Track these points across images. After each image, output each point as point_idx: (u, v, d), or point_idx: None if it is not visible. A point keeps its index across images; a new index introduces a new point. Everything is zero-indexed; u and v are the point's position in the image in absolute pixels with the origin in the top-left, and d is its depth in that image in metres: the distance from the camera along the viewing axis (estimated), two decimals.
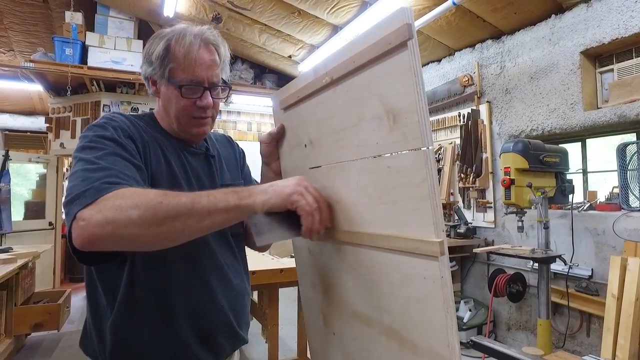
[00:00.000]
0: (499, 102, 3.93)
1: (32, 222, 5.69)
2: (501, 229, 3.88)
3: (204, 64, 0.95)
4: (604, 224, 3.01)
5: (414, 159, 0.60)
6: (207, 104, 0.97)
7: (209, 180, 1.04)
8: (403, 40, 0.59)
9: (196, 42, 0.94)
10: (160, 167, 0.93)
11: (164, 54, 0.94)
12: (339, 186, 0.79)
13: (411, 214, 0.61)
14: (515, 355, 1.33)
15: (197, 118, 0.99)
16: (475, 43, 4.18)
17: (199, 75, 0.95)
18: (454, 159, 4.40)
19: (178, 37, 0.94)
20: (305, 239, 0.82)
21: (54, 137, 5.88)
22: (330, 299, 0.89)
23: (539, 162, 2.84)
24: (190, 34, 0.95)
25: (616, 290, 2.65)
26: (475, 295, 4.05)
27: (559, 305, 3.24)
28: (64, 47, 4.98)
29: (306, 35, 4.91)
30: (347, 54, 0.71)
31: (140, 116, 1.04)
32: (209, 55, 0.96)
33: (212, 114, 1.02)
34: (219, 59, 0.98)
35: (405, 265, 0.63)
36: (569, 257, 3.05)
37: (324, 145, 0.84)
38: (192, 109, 0.97)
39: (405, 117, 0.60)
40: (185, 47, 0.93)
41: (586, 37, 3.17)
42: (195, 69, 0.94)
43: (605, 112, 3.07)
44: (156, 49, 0.95)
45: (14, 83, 6.07)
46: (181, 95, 0.95)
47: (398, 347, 0.67)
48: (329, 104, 0.80)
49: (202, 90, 0.96)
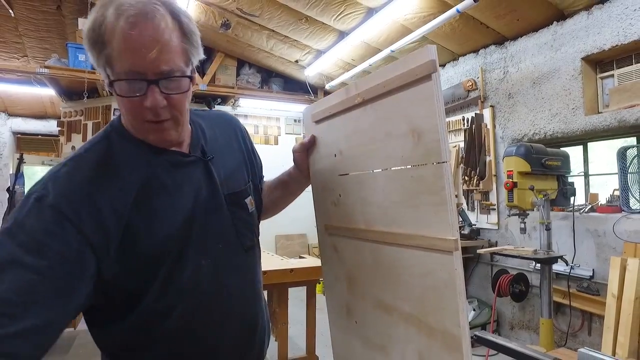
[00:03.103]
0: (502, 107, 4.02)
1: None
2: (504, 231, 3.96)
3: (142, 46, 0.66)
4: (605, 225, 3.09)
5: (434, 171, 0.71)
6: (153, 104, 0.69)
7: (210, 193, 0.85)
8: (428, 73, 0.70)
9: (130, 14, 0.65)
10: (147, 207, 0.74)
11: (95, 35, 0.67)
12: (367, 191, 0.90)
13: (431, 216, 0.73)
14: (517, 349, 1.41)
15: (148, 122, 0.73)
16: (479, 48, 4.27)
17: (136, 66, 0.67)
18: (458, 162, 4.49)
19: (112, 12, 0.66)
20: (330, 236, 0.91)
21: (66, 140, 6.02)
22: (355, 291, 0.99)
23: (541, 165, 2.93)
24: (126, 4, 0.66)
25: (616, 290, 2.73)
26: (479, 295, 4.14)
27: (560, 304, 3.32)
28: (77, 53, 5.11)
29: (313, 41, 5.02)
30: (378, 79, 0.82)
31: (105, 134, 0.79)
32: (150, 31, 0.66)
33: (171, 115, 0.74)
34: (173, 35, 0.70)
35: (425, 259, 0.74)
36: (571, 258, 3.14)
37: (353, 156, 0.94)
38: (140, 110, 0.71)
39: (428, 136, 0.72)
40: (119, 25, 0.65)
41: (587, 44, 3.25)
42: (131, 56, 0.66)
43: (605, 117, 3.15)
44: (87, 25, 0.69)
45: (26, 87, 6.21)
46: (117, 94, 0.70)
47: (415, 330, 0.79)
48: (360, 121, 0.90)
49: (145, 85, 0.69)
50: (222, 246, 0.85)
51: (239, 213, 0.91)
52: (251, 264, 0.95)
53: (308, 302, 3.08)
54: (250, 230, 0.95)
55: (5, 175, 6.74)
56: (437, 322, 0.73)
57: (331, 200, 1.05)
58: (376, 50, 4.74)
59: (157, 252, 0.75)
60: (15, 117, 7.17)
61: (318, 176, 1.09)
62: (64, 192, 0.67)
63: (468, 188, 4.30)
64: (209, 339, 0.84)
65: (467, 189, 4.32)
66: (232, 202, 0.89)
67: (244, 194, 0.93)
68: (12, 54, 5.89)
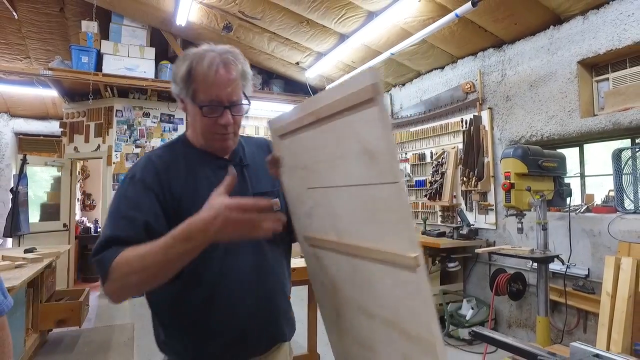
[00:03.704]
0: (500, 109, 4.09)
1: (47, 223, 5.87)
2: (502, 231, 4.04)
3: (222, 84, 1.00)
4: (600, 225, 3.16)
5: (389, 190, 0.72)
6: (226, 122, 1.03)
7: (241, 190, 1.06)
8: (369, 97, 0.70)
9: (214, 63, 0.99)
10: (187, 189, 1.03)
11: (187, 76, 1.01)
12: (335, 205, 0.92)
13: (392, 234, 0.74)
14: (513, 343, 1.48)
15: (218, 134, 1.06)
16: (478, 51, 4.35)
17: (218, 96, 1.00)
18: (456, 163, 4.56)
19: (199, 59, 1.00)
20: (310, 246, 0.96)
21: (68, 141, 6.08)
22: (339, 296, 1.02)
23: (537, 166, 3.00)
24: (209, 56, 1.00)
25: (610, 289, 2.80)
26: (477, 294, 4.21)
27: (557, 303, 3.39)
28: (81, 55, 5.17)
29: (314, 44, 5.09)
30: (330, 98, 0.82)
31: (174, 142, 1.15)
32: (227, 75, 1.00)
33: (233, 130, 1.07)
34: (239, 77, 1.03)
35: (393, 273, 0.77)
36: (567, 257, 3.21)
37: (317, 171, 0.94)
38: (213, 126, 1.04)
39: (379, 157, 0.72)
40: (205, 69, 0.99)
41: (583, 48, 3.33)
42: (214, 90, 1.00)
43: (600, 119, 3.22)
44: (180, 70, 1.02)
45: (28, 88, 6.26)
46: (202, 115, 1.02)
47: (397, 335, 0.82)
48: (317, 139, 0.90)
49: (221, 109, 1.02)
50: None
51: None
52: (271, 252, 1.12)
53: (309, 301, 3.14)
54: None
55: (8, 176, 6.78)
56: (413, 329, 0.76)
57: (305, 212, 1.05)
58: (376, 52, 4.81)
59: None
60: (17, 118, 7.20)
61: (290, 189, 1.09)
62: (144, 173, 1.03)
63: (466, 189, 4.37)
64: (229, 307, 1.05)
65: (465, 189, 4.40)
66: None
67: (269, 195, 1.13)
68: (15, 55, 5.93)
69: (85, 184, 8.14)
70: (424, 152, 5.11)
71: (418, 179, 5.17)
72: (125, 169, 5.87)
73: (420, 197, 5.12)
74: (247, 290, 1.07)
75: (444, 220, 4.75)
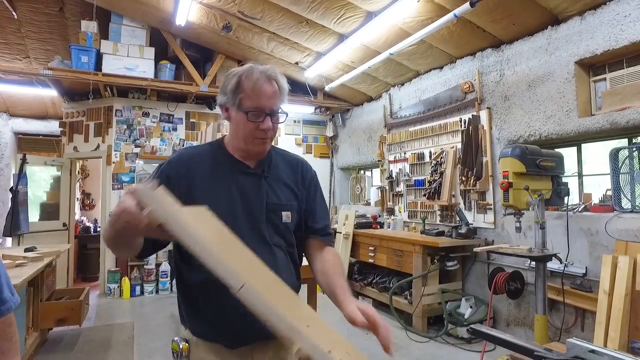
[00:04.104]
0: (499, 109, 4.11)
1: (47, 223, 5.88)
2: (500, 230, 4.06)
3: (266, 95, 1.17)
4: (598, 224, 3.19)
5: None
6: (268, 127, 1.18)
7: (257, 199, 1.23)
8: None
9: (262, 77, 1.16)
10: (205, 186, 1.20)
11: (236, 87, 1.17)
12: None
13: None
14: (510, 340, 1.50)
15: (258, 138, 1.20)
16: (476, 52, 4.37)
17: (262, 104, 1.16)
18: (455, 162, 4.58)
19: (248, 73, 1.17)
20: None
21: (68, 141, 6.09)
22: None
23: (535, 166, 3.02)
24: (257, 71, 1.17)
25: (607, 287, 2.82)
26: (476, 293, 4.23)
27: (555, 301, 3.41)
28: (80, 55, 5.18)
29: (313, 44, 5.10)
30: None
31: (210, 144, 1.34)
32: (270, 88, 1.18)
33: (271, 135, 1.23)
34: (279, 91, 1.20)
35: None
36: (565, 256, 3.23)
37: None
38: (255, 131, 1.19)
39: None
40: (253, 81, 1.16)
41: (580, 48, 3.35)
42: (259, 99, 1.16)
43: (598, 119, 3.25)
44: (230, 82, 1.19)
45: (28, 88, 6.25)
46: (247, 120, 1.17)
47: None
48: None
49: (264, 115, 1.17)
50: (255, 234, 1.19)
51: (272, 218, 1.24)
52: (275, 256, 1.22)
53: (309, 300, 3.16)
54: (279, 234, 1.25)
55: (7, 175, 6.78)
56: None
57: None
58: (375, 52, 4.83)
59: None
60: (16, 118, 7.21)
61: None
62: (170, 167, 1.22)
63: (465, 188, 4.39)
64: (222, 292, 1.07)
65: (464, 189, 4.42)
66: (270, 209, 1.24)
67: (281, 207, 1.25)
68: (14, 55, 5.93)
69: (84, 183, 8.14)
70: (422, 151, 5.13)
71: (417, 179, 5.19)
72: (125, 168, 5.88)
73: (419, 197, 5.14)
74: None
75: (443, 220, 4.77)
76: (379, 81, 5.78)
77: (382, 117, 5.97)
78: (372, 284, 4.91)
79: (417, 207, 5.18)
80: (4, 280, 1.01)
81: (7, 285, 1.02)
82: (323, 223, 1.35)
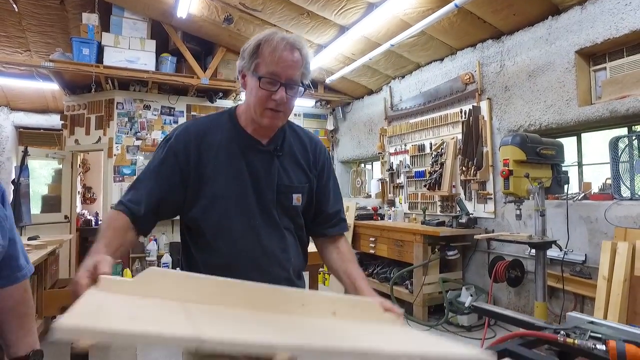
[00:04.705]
0: (499, 99, 4.13)
1: (49, 215, 5.90)
2: (501, 219, 4.09)
3: (285, 63, 1.06)
4: (597, 212, 3.21)
5: None
6: (280, 98, 1.07)
7: (268, 179, 1.16)
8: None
9: (282, 43, 1.07)
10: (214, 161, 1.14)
11: (254, 50, 1.09)
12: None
13: None
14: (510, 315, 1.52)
15: (269, 109, 1.10)
16: (476, 43, 4.38)
17: (278, 71, 1.06)
18: (456, 153, 4.60)
19: (268, 38, 1.08)
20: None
21: (69, 134, 6.10)
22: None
23: (535, 154, 3.04)
24: (278, 37, 1.08)
25: (607, 273, 2.86)
26: (476, 282, 4.26)
27: (554, 289, 3.44)
28: (82, 47, 5.19)
29: (314, 36, 5.11)
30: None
31: (221, 114, 1.24)
32: (290, 56, 1.07)
33: (284, 109, 1.11)
34: (300, 61, 1.09)
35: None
36: (564, 244, 3.26)
37: None
38: (266, 100, 1.08)
39: None
40: (272, 46, 1.06)
41: (580, 37, 3.37)
42: (275, 65, 1.06)
43: (597, 108, 3.27)
44: (249, 46, 1.10)
45: (29, 82, 6.25)
46: (259, 86, 1.07)
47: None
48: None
49: (278, 85, 1.07)
50: (265, 216, 1.16)
51: (282, 200, 1.18)
52: (285, 239, 1.19)
53: (310, 287, 3.18)
54: (288, 216, 1.20)
55: (9, 169, 6.79)
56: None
57: None
58: (376, 44, 4.84)
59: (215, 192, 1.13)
60: (17, 112, 7.22)
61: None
62: (177, 141, 1.15)
63: (465, 178, 4.41)
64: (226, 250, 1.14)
65: (464, 179, 4.44)
66: (280, 190, 1.18)
67: (291, 189, 1.20)
68: (15, 48, 5.93)
69: (85, 177, 8.16)
70: (423, 143, 5.15)
71: (417, 170, 5.22)
72: (127, 161, 5.90)
73: (420, 188, 5.17)
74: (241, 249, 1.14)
75: (444, 210, 4.79)
76: (380, 74, 5.79)
77: (383, 110, 5.99)
78: (373, 275, 4.94)
79: (418, 199, 5.21)
80: (20, 249, 1.05)
81: (23, 254, 1.06)
82: (336, 207, 1.30)
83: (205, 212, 1.12)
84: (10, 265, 1.02)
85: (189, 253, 1.18)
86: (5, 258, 0.98)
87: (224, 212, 1.12)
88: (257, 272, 1.10)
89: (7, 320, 1.01)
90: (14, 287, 1.02)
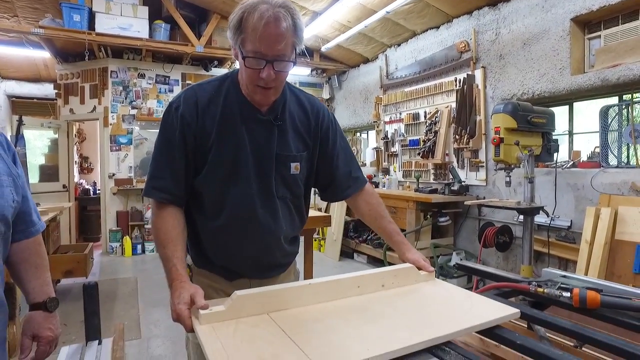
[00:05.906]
0: (493, 67, 4.14)
1: (47, 184, 5.95)
2: (492, 187, 4.19)
3: (270, 38, 0.99)
4: (584, 179, 3.31)
5: None
6: (267, 75, 1.02)
7: (266, 149, 1.15)
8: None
9: (266, 14, 0.98)
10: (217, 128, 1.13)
11: (238, 24, 1.02)
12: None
13: None
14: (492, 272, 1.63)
15: (259, 87, 1.07)
16: (473, 10, 4.34)
17: (262, 49, 1.00)
18: (449, 121, 4.65)
19: (251, 9, 1.00)
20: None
21: (63, 103, 6.07)
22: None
23: (527, 122, 3.09)
24: (261, 8, 0.99)
25: (589, 237, 2.98)
26: (467, 248, 4.41)
27: (540, 253, 3.58)
28: (72, 13, 5.08)
29: (309, 2, 5.03)
30: None
31: (223, 79, 1.18)
32: (276, 29, 0.98)
33: (274, 85, 1.07)
34: (289, 32, 1.01)
35: None
36: (552, 210, 3.37)
37: None
38: (255, 78, 1.05)
39: None
40: (254, 20, 0.98)
41: (576, 4, 3.36)
42: (259, 42, 0.99)
43: (590, 76, 3.30)
44: (233, 19, 1.03)
45: (18, 49, 6.11)
46: (245, 65, 1.04)
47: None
48: None
49: (264, 63, 1.01)
50: (262, 185, 1.17)
51: (280, 169, 1.18)
52: (277, 207, 1.20)
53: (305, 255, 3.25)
54: (286, 185, 1.21)
55: None
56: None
57: None
58: (372, 11, 4.78)
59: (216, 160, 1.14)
60: (8, 80, 7.13)
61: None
62: (185, 107, 1.13)
63: (459, 146, 4.48)
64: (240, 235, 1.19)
65: (457, 147, 4.51)
66: (279, 159, 1.17)
67: (290, 158, 1.19)
68: (1, 14, 5.79)
69: (82, 147, 8.15)
70: (417, 111, 5.18)
71: (412, 139, 5.27)
72: (123, 130, 5.90)
73: (414, 156, 5.24)
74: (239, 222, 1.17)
75: (437, 178, 4.89)
76: (376, 42, 5.74)
77: (378, 78, 5.97)
78: (367, 241, 5.09)
79: (412, 167, 5.29)
80: (33, 207, 1.13)
81: (35, 211, 1.14)
82: (346, 169, 1.31)
83: (206, 178, 1.14)
84: (25, 220, 1.09)
85: (189, 215, 1.21)
86: (19, 214, 1.06)
87: (223, 179, 1.14)
88: (250, 239, 1.18)
89: (25, 270, 1.10)
90: (29, 240, 1.11)
